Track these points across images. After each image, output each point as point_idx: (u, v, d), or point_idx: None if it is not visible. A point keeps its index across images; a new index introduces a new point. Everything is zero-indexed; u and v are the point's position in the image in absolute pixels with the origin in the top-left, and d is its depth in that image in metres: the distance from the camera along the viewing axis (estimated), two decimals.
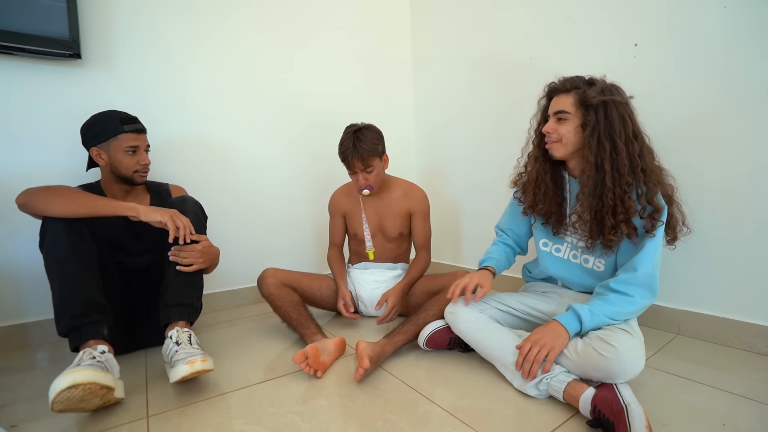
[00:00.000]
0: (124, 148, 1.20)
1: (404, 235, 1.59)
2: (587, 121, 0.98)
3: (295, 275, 1.46)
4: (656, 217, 0.96)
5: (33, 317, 1.40)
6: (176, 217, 1.11)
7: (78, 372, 0.83)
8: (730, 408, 0.88)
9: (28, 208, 1.03)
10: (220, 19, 1.73)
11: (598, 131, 0.96)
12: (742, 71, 1.14)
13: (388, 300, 1.40)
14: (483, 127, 1.94)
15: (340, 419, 0.88)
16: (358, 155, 1.37)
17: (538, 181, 1.13)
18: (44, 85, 1.39)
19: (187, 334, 1.04)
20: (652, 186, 0.96)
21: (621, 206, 0.96)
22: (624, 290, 0.95)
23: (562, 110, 1.02)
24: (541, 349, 0.92)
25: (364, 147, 1.37)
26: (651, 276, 0.95)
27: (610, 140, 0.96)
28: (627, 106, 0.98)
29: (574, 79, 1.03)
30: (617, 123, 0.95)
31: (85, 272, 1.03)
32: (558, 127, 1.03)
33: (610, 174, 0.96)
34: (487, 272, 1.15)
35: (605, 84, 1.00)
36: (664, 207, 0.97)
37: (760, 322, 1.15)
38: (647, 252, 0.96)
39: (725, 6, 1.16)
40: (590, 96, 0.96)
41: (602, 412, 0.80)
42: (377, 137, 1.43)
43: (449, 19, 2.09)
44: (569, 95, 1.01)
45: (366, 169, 1.41)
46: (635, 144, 0.96)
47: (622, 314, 0.95)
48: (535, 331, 0.97)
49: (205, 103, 1.71)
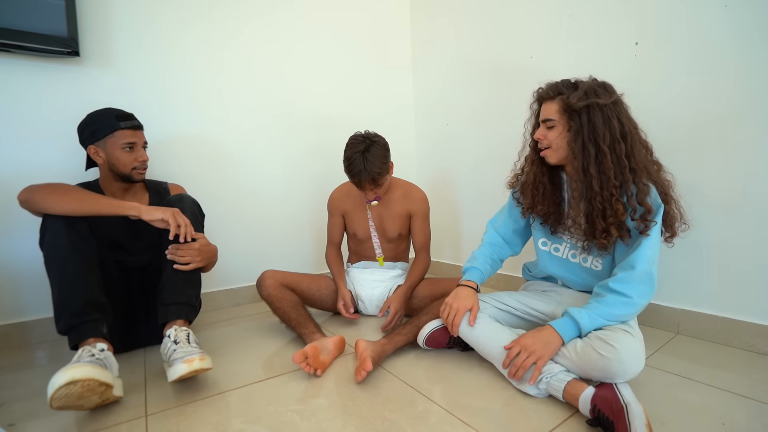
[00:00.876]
0: (121, 145, 1.19)
1: (404, 235, 1.59)
2: (571, 126, 0.98)
3: (293, 276, 1.46)
4: (648, 218, 0.95)
5: (32, 315, 1.40)
6: (178, 215, 1.11)
7: (77, 368, 0.82)
8: (729, 407, 0.88)
9: (30, 204, 1.03)
10: (220, 18, 1.72)
11: (582, 136, 0.96)
12: (742, 69, 1.14)
13: (391, 306, 1.39)
14: (484, 128, 1.94)
15: (340, 418, 0.88)
16: (369, 178, 1.34)
17: (536, 183, 1.13)
18: (42, 83, 1.39)
19: (185, 332, 1.04)
20: (642, 186, 0.95)
21: (610, 209, 0.96)
22: (623, 291, 0.94)
23: (549, 118, 1.02)
24: (529, 356, 0.92)
25: (374, 170, 1.33)
26: (648, 273, 0.94)
27: (594, 144, 0.95)
28: (614, 106, 0.97)
29: (558, 84, 1.02)
30: (600, 126, 0.95)
31: (85, 270, 1.03)
32: (547, 133, 1.04)
33: (596, 178, 0.95)
34: (471, 291, 1.13)
35: (589, 86, 0.98)
36: (658, 206, 0.96)
37: (760, 322, 1.15)
38: (644, 249, 0.95)
39: (726, 5, 1.16)
40: (572, 102, 0.96)
41: (602, 411, 0.80)
42: (384, 153, 1.38)
43: (449, 19, 2.08)
44: (554, 102, 1.01)
45: (376, 188, 1.40)
46: (622, 145, 0.95)
47: (621, 317, 0.94)
48: (527, 335, 0.97)
49: (203, 101, 1.71)
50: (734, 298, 1.20)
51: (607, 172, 0.95)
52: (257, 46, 1.83)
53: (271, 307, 1.37)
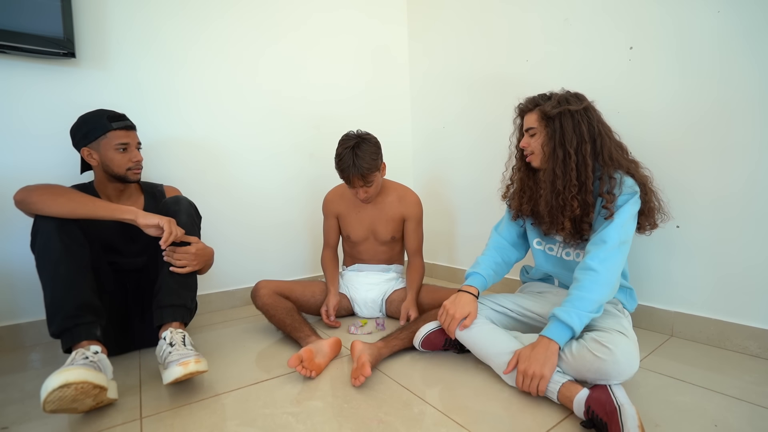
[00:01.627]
0: (114, 145, 1.19)
1: (396, 238, 1.59)
2: (548, 132, 1.08)
3: (287, 284, 1.47)
4: (610, 206, 1.02)
5: (26, 318, 1.39)
6: (172, 224, 1.10)
7: (70, 371, 0.82)
8: (722, 409, 0.89)
9: (26, 205, 1.02)
10: (217, 20, 1.72)
11: (555, 140, 1.07)
12: (734, 74, 1.16)
13: (410, 312, 1.38)
14: (480, 131, 1.95)
15: (335, 420, 0.88)
16: (358, 173, 1.35)
17: (523, 187, 1.21)
18: (38, 84, 1.38)
19: (180, 335, 1.04)
20: (606, 178, 1.03)
21: (568, 206, 1.06)
22: (595, 267, 0.98)
23: (531, 127, 1.13)
24: (532, 381, 0.92)
25: (363, 165, 1.33)
26: (618, 249, 0.99)
27: (562, 148, 1.05)
28: (584, 112, 1.06)
29: (535, 98, 1.14)
30: (569, 131, 1.05)
31: (77, 273, 1.02)
32: (531, 141, 1.14)
33: (561, 178, 1.06)
34: (470, 298, 1.14)
35: (561, 96, 1.10)
36: (633, 193, 1.02)
37: (753, 324, 1.16)
38: (614, 227, 1.00)
39: (719, 10, 1.17)
40: (547, 110, 1.07)
41: (596, 412, 0.80)
42: (375, 150, 1.39)
43: (446, 23, 2.09)
44: (534, 113, 1.12)
45: (366, 185, 1.40)
46: (588, 145, 1.04)
47: (600, 301, 0.96)
48: (522, 357, 0.96)
49: (200, 103, 1.70)
50: (727, 300, 1.21)
51: (569, 173, 1.05)
52: (255, 49, 1.83)
53: (267, 315, 1.37)
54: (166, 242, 1.08)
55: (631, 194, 1.02)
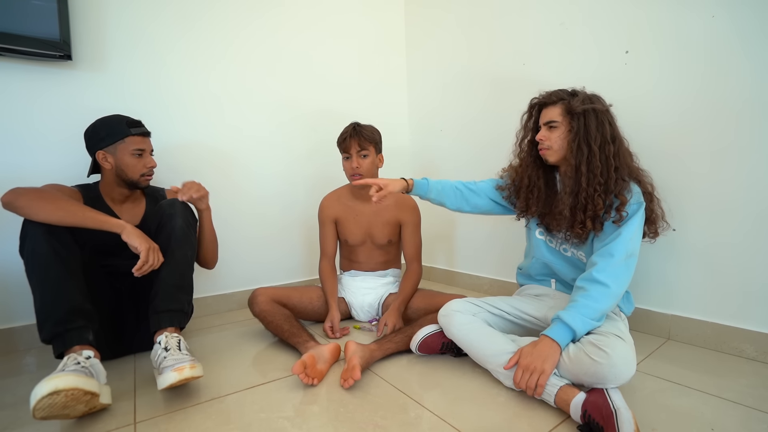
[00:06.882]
0: (131, 151, 1.20)
1: (393, 242, 1.58)
2: (572, 127, 1.07)
3: (284, 291, 1.46)
4: (622, 210, 1.02)
5: (20, 322, 1.38)
6: (153, 252, 1.08)
7: (60, 378, 0.81)
8: (719, 413, 0.89)
9: (13, 207, 1.01)
10: (214, 22, 1.72)
11: (579, 137, 1.05)
12: (729, 78, 1.16)
13: (387, 323, 1.36)
14: (477, 132, 1.95)
15: (331, 425, 0.88)
16: (356, 136, 1.44)
17: (530, 185, 1.19)
18: (34, 87, 1.37)
19: (176, 339, 1.03)
20: (621, 182, 1.04)
21: (591, 204, 1.04)
22: (604, 280, 0.98)
23: (552, 120, 1.10)
24: (531, 375, 0.92)
25: (363, 131, 1.46)
26: (626, 263, 1.00)
27: (587, 145, 1.04)
28: (607, 113, 1.08)
29: (558, 91, 1.12)
30: (594, 129, 1.04)
31: (67, 278, 1.00)
32: (550, 134, 1.11)
33: (585, 175, 1.04)
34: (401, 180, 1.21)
35: (586, 94, 1.09)
36: (639, 204, 1.03)
37: (750, 327, 1.16)
38: (623, 239, 1.01)
39: (713, 15, 1.18)
40: (575, 105, 1.06)
41: (592, 416, 0.80)
42: (377, 131, 1.52)
43: (443, 25, 2.10)
44: (557, 106, 1.10)
45: (361, 152, 1.45)
46: (611, 146, 1.04)
47: (605, 310, 0.98)
48: (524, 352, 0.96)
49: (197, 106, 1.70)
50: (724, 304, 1.21)
51: (594, 170, 1.03)
52: (254, 51, 1.83)
53: (264, 322, 1.36)
54: (139, 270, 1.05)
55: (639, 205, 1.03)
